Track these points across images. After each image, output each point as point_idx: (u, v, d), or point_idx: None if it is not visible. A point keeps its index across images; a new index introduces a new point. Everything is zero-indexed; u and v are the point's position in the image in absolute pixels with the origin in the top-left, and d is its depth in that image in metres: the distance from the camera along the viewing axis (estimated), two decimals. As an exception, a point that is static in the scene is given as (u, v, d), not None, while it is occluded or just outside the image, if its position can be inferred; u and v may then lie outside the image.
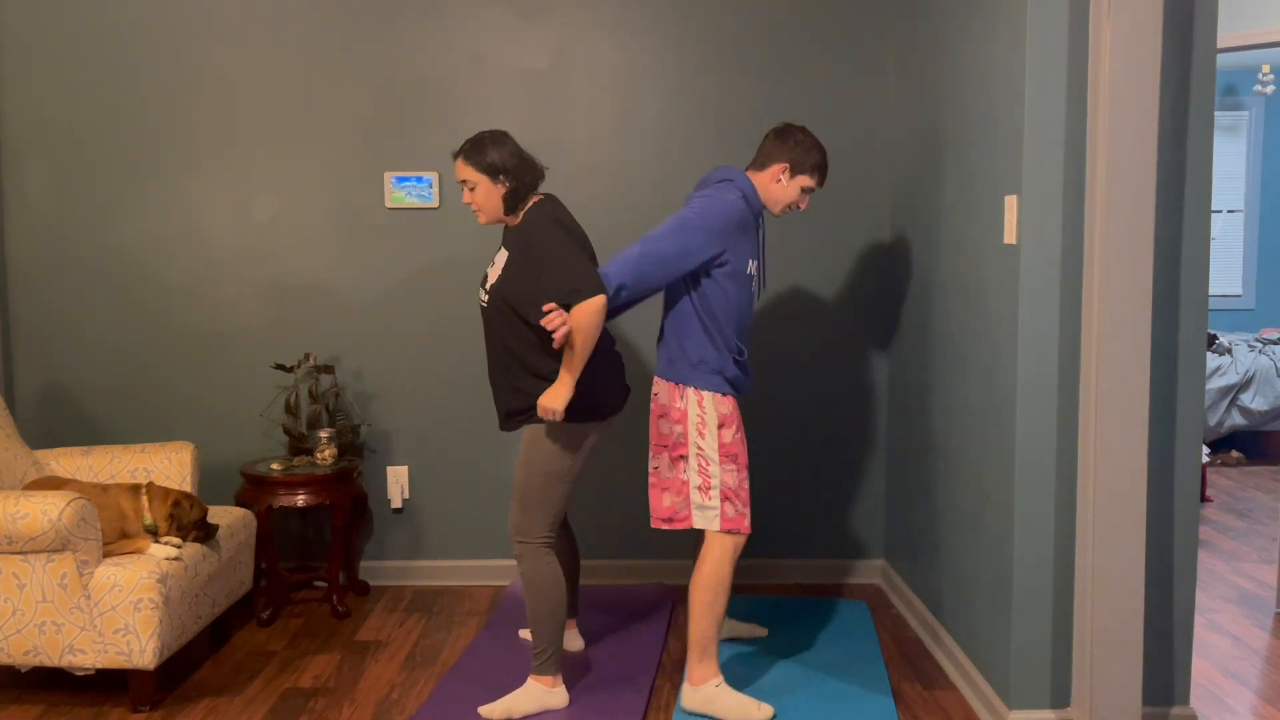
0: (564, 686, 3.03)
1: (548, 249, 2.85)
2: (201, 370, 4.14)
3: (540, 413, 2.85)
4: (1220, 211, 7.84)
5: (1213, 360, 6.46)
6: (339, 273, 4.10)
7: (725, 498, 2.95)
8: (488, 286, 3.01)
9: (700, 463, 2.95)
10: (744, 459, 3.00)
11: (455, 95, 4.05)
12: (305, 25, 4.02)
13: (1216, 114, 5.84)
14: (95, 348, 4.13)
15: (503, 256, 3.00)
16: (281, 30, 4.02)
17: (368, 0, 4.01)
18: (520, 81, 4.04)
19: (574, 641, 3.49)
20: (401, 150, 4.06)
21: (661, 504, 3.01)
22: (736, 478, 2.97)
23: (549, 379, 2.91)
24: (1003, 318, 2.86)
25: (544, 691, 2.99)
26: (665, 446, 3.00)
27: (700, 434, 2.95)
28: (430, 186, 4.05)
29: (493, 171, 2.94)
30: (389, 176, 4.06)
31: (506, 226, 3.05)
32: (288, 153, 4.07)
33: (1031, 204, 2.72)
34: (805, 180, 3.05)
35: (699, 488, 2.95)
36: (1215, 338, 6.67)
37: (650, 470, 3.06)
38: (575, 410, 2.91)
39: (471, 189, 2.97)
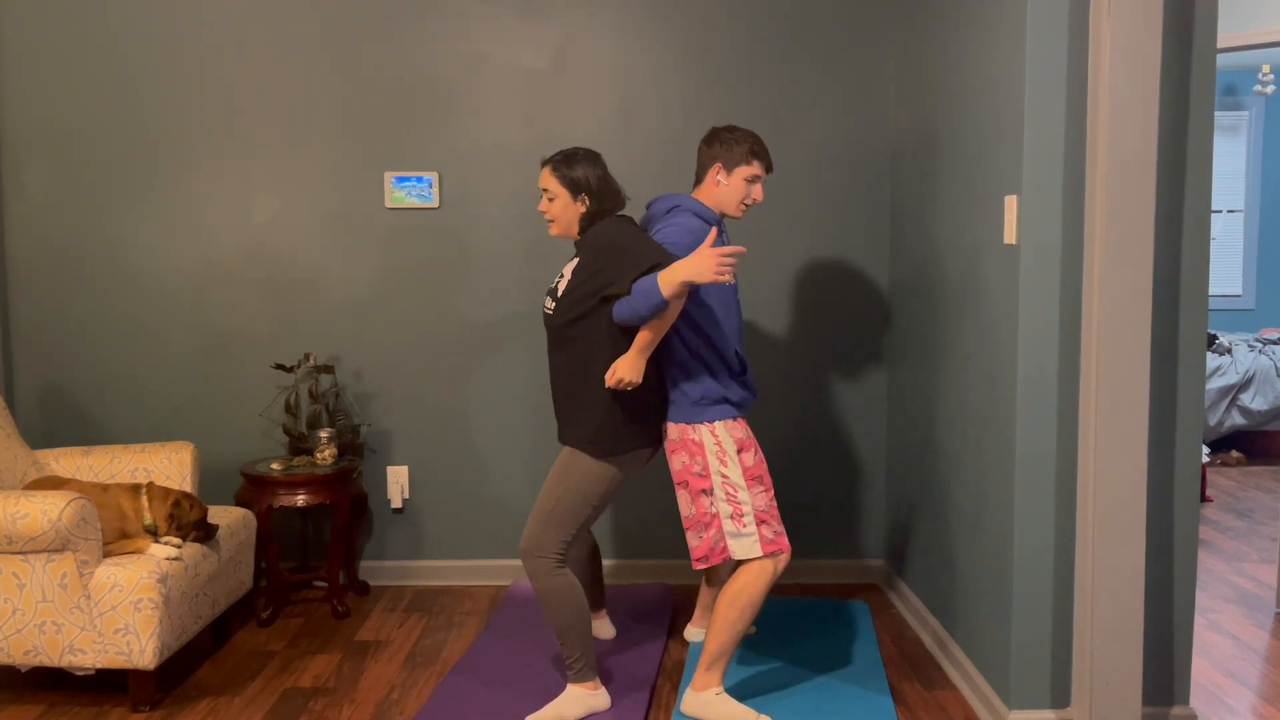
0: (604, 688, 3.04)
1: (624, 235, 2.87)
2: (201, 370, 4.14)
3: (611, 383, 2.82)
4: (1220, 211, 7.84)
5: (1213, 360, 6.46)
6: (339, 273, 4.10)
7: (761, 521, 2.90)
8: (558, 294, 2.99)
9: (728, 491, 2.90)
10: (768, 479, 2.96)
11: (455, 95, 4.05)
12: (305, 25, 4.02)
13: (1216, 114, 5.84)
14: (95, 348, 4.13)
15: (572, 265, 3.00)
16: (281, 30, 4.02)
17: (368, 0, 4.01)
18: (520, 81, 4.04)
19: (606, 630, 3.56)
20: (401, 150, 4.06)
21: (695, 543, 2.96)
22: (765, 498, 2.92)
23: (598, 384, 2.92)
24: (1003, 318, 2.86)
25: (587, 695, 2.98)
26: (685, 483, 2.95)
27: (722, 463, 2.91)
28: (430, 186, 4.05)
29: (575, 188, 2.97)
30: (389, 176, 4.06)
31: (575, 241, 3.06)
32: (288, 153, 4.07)
33: (1031, 204, 2.72)
34: (745, 170, 2.99)
35: (731, 516, 2.89)
36: (1215, 338, 6.67)
37: (680, 511, 3.03)
38: (621, 439, 2.93)
39: (551, 199, 3.00)
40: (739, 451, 2.93)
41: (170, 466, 3.63)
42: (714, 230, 2.76)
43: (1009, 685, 2.85)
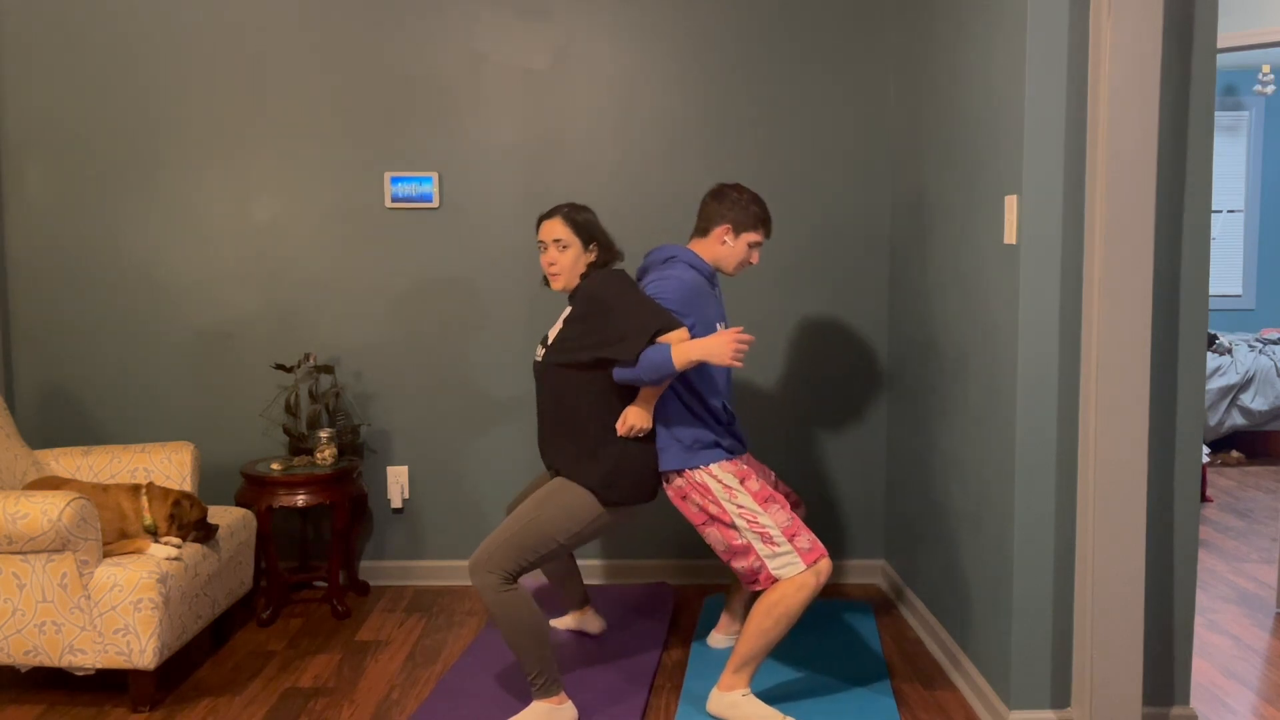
0: (570, 701, 2.97)
1: (623, 294, 2.90)
2: (201, 370, 4.14)
3: (623, 431, 2.92)
4: (1220, 211, 7.84)
5: (1213, 360, 6.46)
6: (339, 273, 4.10)
7: (791, 535, 2.89)
8: (547, 343, 3.04)
9: (748, 520, 2.90)
10: (780, 496, 2.98)
11: (455, 95, 4.05)
12: (305, 25, 4.02)
13: (1216, 114, 5.84)
14: (95, 348, 4.13)
15: (565, 314, 3.05)
16: (281, 30, 4.02)
17: (367, 1, 4.01)
18: (520, 81, 4.04)
19: (593, 623, 3.56)
20: (401, 150, 4.06)
21: (741, 569, 2.95)
22: (784, 514, 2.93)
23: (598, 435, 2.96)
24: (1003, 318, 2.86)
25: (552, 709, 2.91)
26: (706, 521, 2.97)
27: (731, 495, 2.93)
28: (430, 186, 4.05)
29: (588, 237, 3.02)
30: (389, 176, 4.06)
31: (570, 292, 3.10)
32: (288, 153, 4.07)
33: (1031, 204, 2.72)
34: (751, 236, 3.10)
35: (762, 541, 2.89)
36: (1215, 338, 6.67)
37: (714, 549, 3.04)
38: (634, 488, 2.96)
39: (562, 249, 3.01)
40: (743, 482, 2.96)
41: (170, 466, 3.63)
42: (737, 329, 2.83)
43: (1009, 685, 2.85)
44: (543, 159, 4.06)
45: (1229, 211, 7.85)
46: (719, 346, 2.77)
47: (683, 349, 2.79)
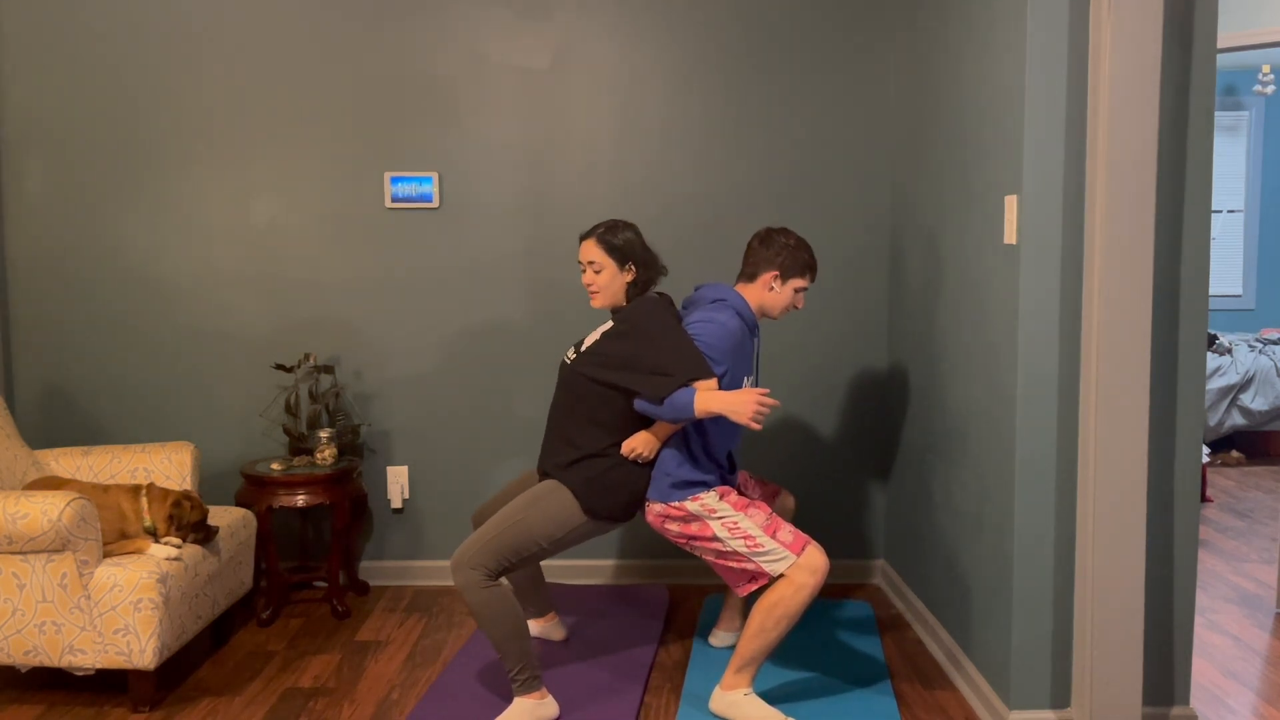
0: (551, 697, 2.98)
1: (667, 332, 2.91)
2: (201, 370, 4.14)
3: (625, 451, 2.96)
4: (1220, 211, 7.84)
5: (1213, 360, 6.46)
6: (339, 273, 4.10)
7: (772, 532, 2.90)
8: (582, 349, 3.06)
9: (729, 527, 2.91)
10: (758, 502, 3.00)
11: (455, 95, 4.05)
12: (305, 25, 4.02)
13: (1216, 114, 5.84)
14: (95, 347, 4.13)
15: (604, 328, 3.07)
16: (281, 30, 4.02)
17: (367, 0, 4.01)
18: (520, 81, 4.04)
19: (557, 631, 3.54)
20: (401, 150, 4.06)
21: (732, 578, 2.97)
22: (763, 515, 2.94)
23: (597, 445, 3.00)
24: (1003, 318, 2.86)
25: (535, 705, 2.92)
26: (689, 540, 2.98)
27: (712, 513, 2.95)
28: (430, 186, 4.05)
29: (622, 257, 3.02)
30: (389, 176, 4.06)
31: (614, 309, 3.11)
32: (288, 153, 4.07)
33: (1031, 204, 2.72)
34: (797, 282, 3.11)
35: (748, 544, 2.89)
36: (1215, 338, 6.67)
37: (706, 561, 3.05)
38: (595, 502, 2.97)
39: (597, 271, 3.03)
40: (721, 499, 2.97)
41: (170, 466, 3.63)
42: (762, 390, 2.83)
43: (1009, 685, 2.85)
44: (543, 159, 4.06)
45: (1229, 211, 7.85)
46: (741, 405, 2.77)
47: (705, 399, 2.81)
